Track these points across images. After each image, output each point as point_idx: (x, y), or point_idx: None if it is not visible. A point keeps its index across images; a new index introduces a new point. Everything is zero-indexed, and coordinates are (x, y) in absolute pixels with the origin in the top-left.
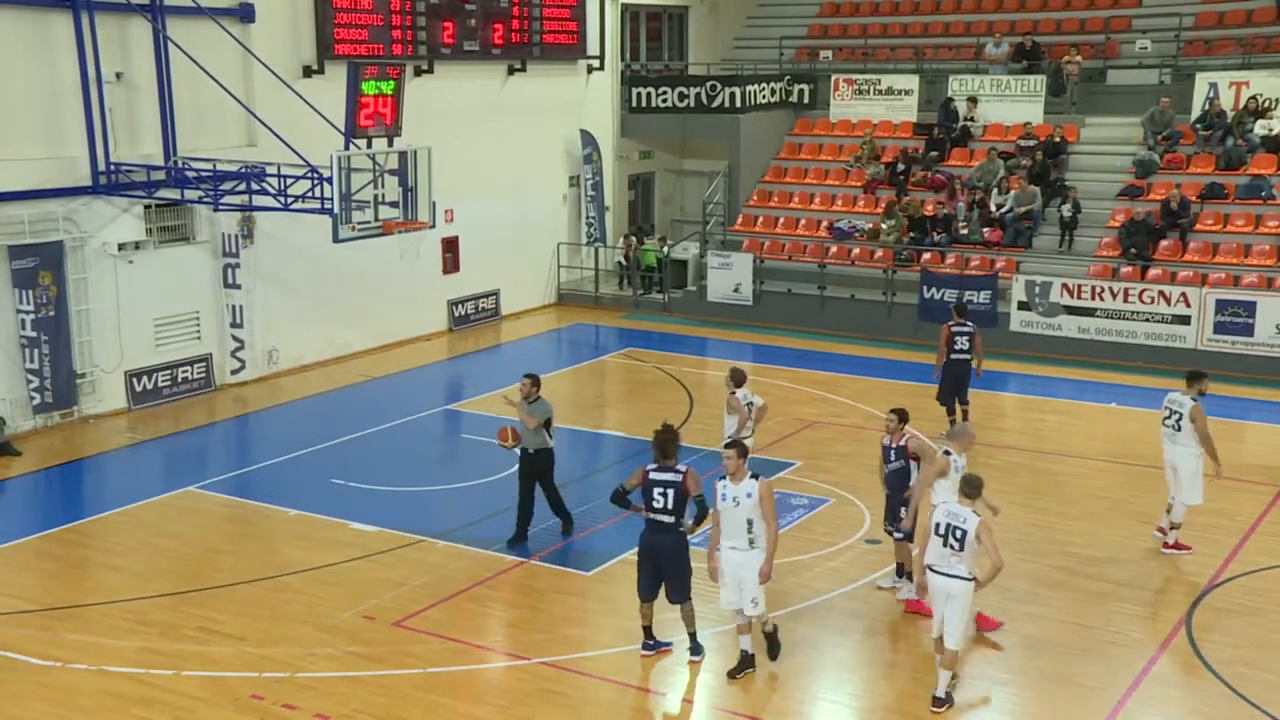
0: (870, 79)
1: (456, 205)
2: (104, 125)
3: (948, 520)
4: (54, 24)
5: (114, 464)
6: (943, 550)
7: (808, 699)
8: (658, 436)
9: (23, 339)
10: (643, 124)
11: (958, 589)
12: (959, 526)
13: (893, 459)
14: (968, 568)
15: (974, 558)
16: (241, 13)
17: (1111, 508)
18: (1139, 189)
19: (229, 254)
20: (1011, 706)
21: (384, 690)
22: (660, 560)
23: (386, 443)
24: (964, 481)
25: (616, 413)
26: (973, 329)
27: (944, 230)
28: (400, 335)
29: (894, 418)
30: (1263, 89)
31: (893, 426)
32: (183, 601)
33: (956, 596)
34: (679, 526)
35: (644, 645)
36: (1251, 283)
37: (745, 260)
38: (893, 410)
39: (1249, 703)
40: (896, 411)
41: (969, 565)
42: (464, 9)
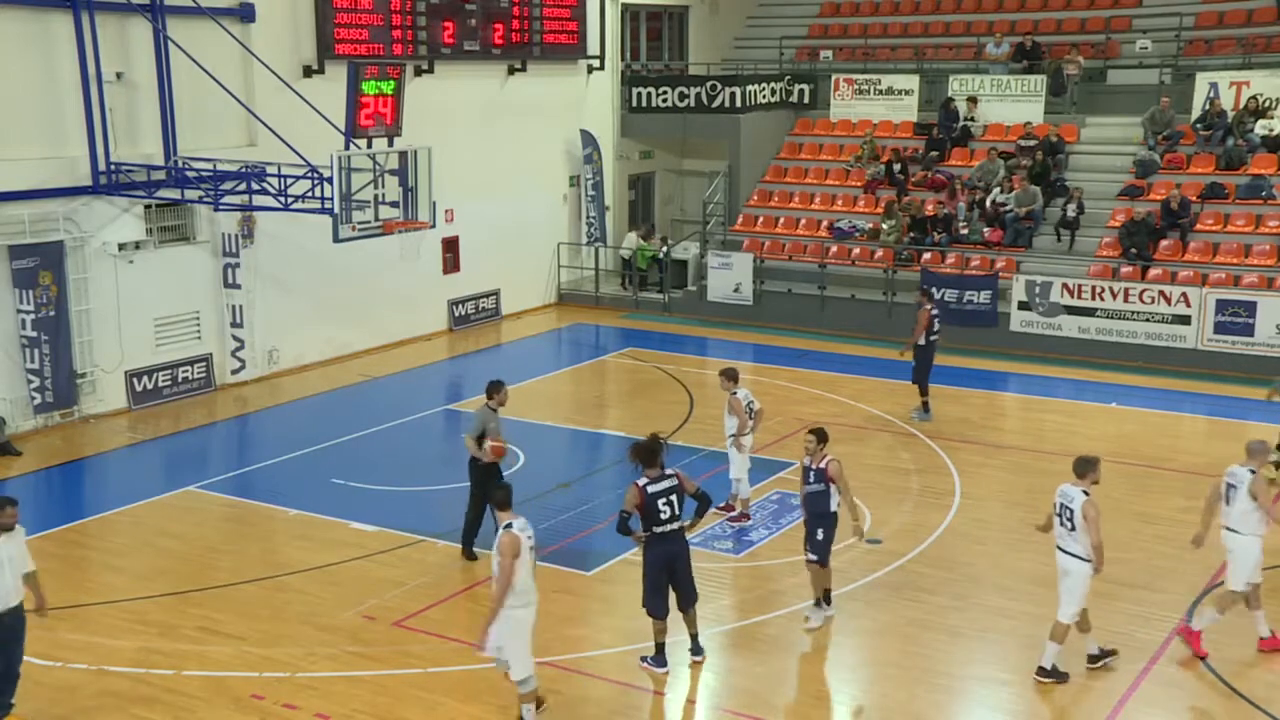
0: (870, 79)
1: (457, 205)
2: (104, 125)
3: (1059, 499)
4: (54, 24)
5: (114, 464)
6: (1059, 529)
7: (808, 699)
8: (643, 448)
9: (23, 339)
10: (643, 124)
11: (1072, 566)
12: (1068, 505)
13: (812, 480)
14: (1082, 547)
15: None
16: (241, 13)
17: (1112, 508)
18: (1139, 189)
19: (229, 254)
20: (1011, 706)
21: (384, 690)
22: (675, 569)
23: (386, 443)
24: (1076, 461)
25: (616, 413)
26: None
27: (944, 230)
28: (400, 335)
29: (813, 438)
30: (1263, 89)
31: (812, 448)
32: (183, 601)
33: (1071, 574)
34: (683, 532)
35: (655, 661)
36: (1252, 283)
37: (745, 260)
38: (811, 430)
39: (1249, 703)
40: (815, 432)
41: (1084, 545)
42: (464, 9)
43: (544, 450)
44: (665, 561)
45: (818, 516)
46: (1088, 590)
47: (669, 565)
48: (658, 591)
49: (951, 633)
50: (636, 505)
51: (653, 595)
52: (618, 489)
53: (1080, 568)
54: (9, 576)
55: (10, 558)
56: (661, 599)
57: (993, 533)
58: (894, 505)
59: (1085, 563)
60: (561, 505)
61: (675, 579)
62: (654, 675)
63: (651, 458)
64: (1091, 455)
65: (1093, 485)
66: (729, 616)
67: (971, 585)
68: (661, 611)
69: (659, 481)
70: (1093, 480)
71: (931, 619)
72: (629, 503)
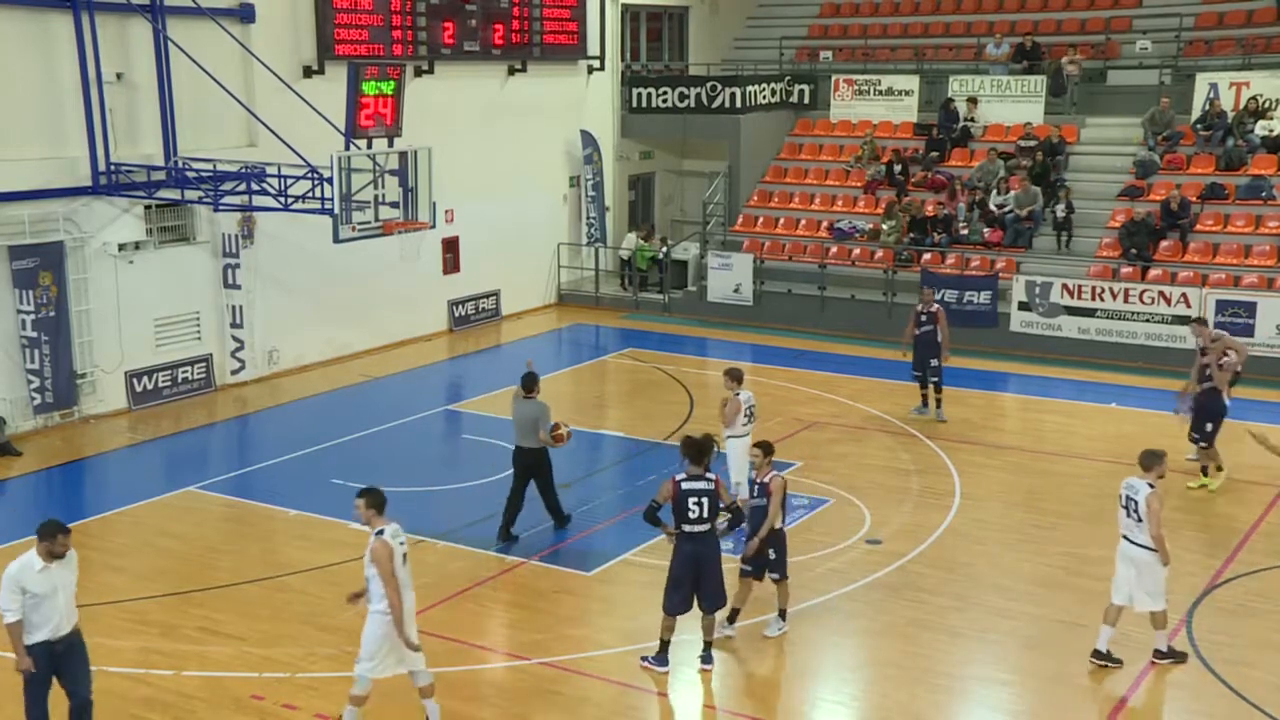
0: (870, 79)
1: (457, 205)
2: (104, 125)
3: (1125, 492)
4: (54, 24)
5: (114, 464)
6: (1126, 520)
7: (808, 699)
8: (693, 445)
9: (23, 339)
10: (643, 124)
11: (1141, 556)
12: (1133, 497)
13: (756, 494)
14: (1149, 538)
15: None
16: (241, 13)
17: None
18: (1139, 189)
19: (229, 254)
20: (1011, 706)
21: (384, 690)
22: (702, 570)
23: (386, 443)
24: (1143, 454)
25: (616, 413)
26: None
27: (944, 230)
28: (400, 335)
29: (759, 452)
30: (1263, 89)
31: (758, 461)
32: (183, 601)
33: (1141, 564)
34: (714, 533)
35: (657, 660)
36: (1251, 283)
37: (745, 260)
38: (756, 444)
39: (1249, 703)
40: (760, 445)
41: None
42: (464, 9)
43: None
44: (693, 562)
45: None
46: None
47: (696, 566)
48: (677, 589)
49: (951, 633)
50: (669, 498)
51: (671, 591)
52: (618, 489)
53: (1150, 558)
54: (63, 602)
55: (65, 583)
56: (679, 597)
57: (993, 533)
58: (894, 505)
59: (1154, 553)
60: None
61: (701, 581)
62: (654, 675)
63: (698, 456)
64: (1158, 449)
65: (1158, 479)
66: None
67: (971, 585)
68: (674, 609)
69: (696, 480)
70: (1158, 474)
71: (931, 619)
72: (661, 494)
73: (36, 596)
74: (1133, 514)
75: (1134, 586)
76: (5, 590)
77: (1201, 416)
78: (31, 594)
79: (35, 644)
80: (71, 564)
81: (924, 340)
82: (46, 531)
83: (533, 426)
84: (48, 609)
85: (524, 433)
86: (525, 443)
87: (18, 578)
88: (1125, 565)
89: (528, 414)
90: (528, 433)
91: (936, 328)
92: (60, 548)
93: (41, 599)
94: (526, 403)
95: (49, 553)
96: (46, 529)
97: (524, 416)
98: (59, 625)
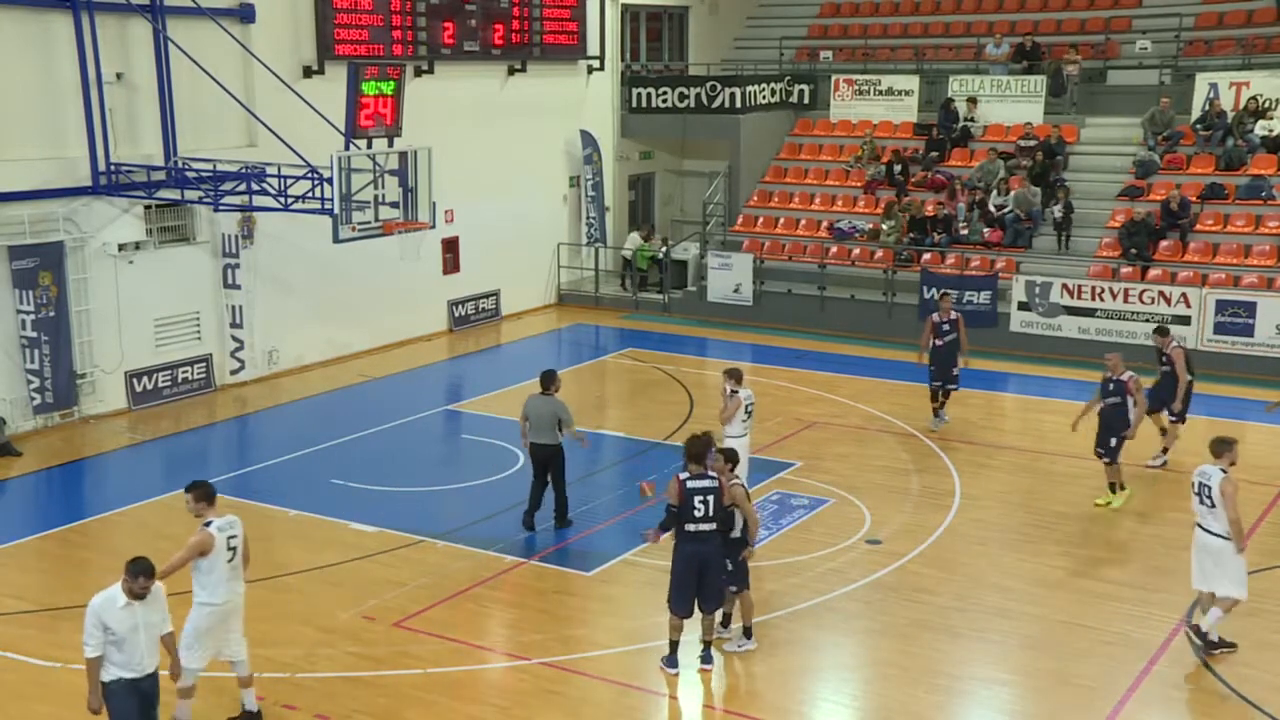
0: (870, 79)
1: (457, 205)
2: (104, 125)
3: (1198, 479)
4: (54, 24)
5: (114, 464)
6: (1199, 507)
7: (808, 699)
8: (695, 443)
9: (23, 339)
10: (643, 124)
11: (1214, 544)
12: (1206, 484)
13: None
14: (1222, 525)
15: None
16: (241, 13)
17: (1112, 507)
18: (1139, 189)
19: (229, 254)
20: (1011, 706)
21: (384, 690)
22: (704, 570)
23: (386, 443)
24: (1214, 441)
25: (617, 413)
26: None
27: (944, 230)
28: (400, 335)
29: (720, 458)
30: (1263, 89)
31: (719, 467)
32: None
33: (1215, 551)
34: (718, 534)
35: (668, 661)
36: (1251, 283)
37: (745, 260)
38: (720, 450)
39: (1249, 703)
40: (724, 452)
41: (1223, 523)
42: (464, 9)
43: None
44: (696, 561)
45: (728, 544)
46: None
47: (699, 566)
48: (682, 589)
49: (951, 633)
50: (676, 497)
51: (676, 592)
52: (618, 489)
53: (1224, 545)
54: (144, 642)
55: (147, 623)
56: (684, 597)
57: (993, 533)
58: (894, 505)
59: (1227, 540)
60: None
61: (703, 581)
62: (653, 675)
63: (700, 455)
64: (1228, 436)
65: (1230, 465)
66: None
67: (971, 585)
68: (682, 610)
69: (699, 479)
70: (1230, 460)
71: (931, 619)
72: (670, 495)
73: (116, 635)
74: (1205, 500)
75: (1212, 573)
76: (88, 624)
77: (1107, 432)
78: (111, 631)
79: (114, 680)
80: (156, 603)
81: (945, 350)
82: (130, 570)
83: (551, 422)
84: (129, 648)
85: (541, 429)
86: (541, 439)
87: (100, 612)
88: (1201, 554)
89: (545, 410)
90: (544, 429)
91: (958, 336)
92: (139, 589)
93: (122, 638)
94: (544, 399)
95: (130, 591)
96: (131, 567)
97: (541, 413)
98: (142, 664)
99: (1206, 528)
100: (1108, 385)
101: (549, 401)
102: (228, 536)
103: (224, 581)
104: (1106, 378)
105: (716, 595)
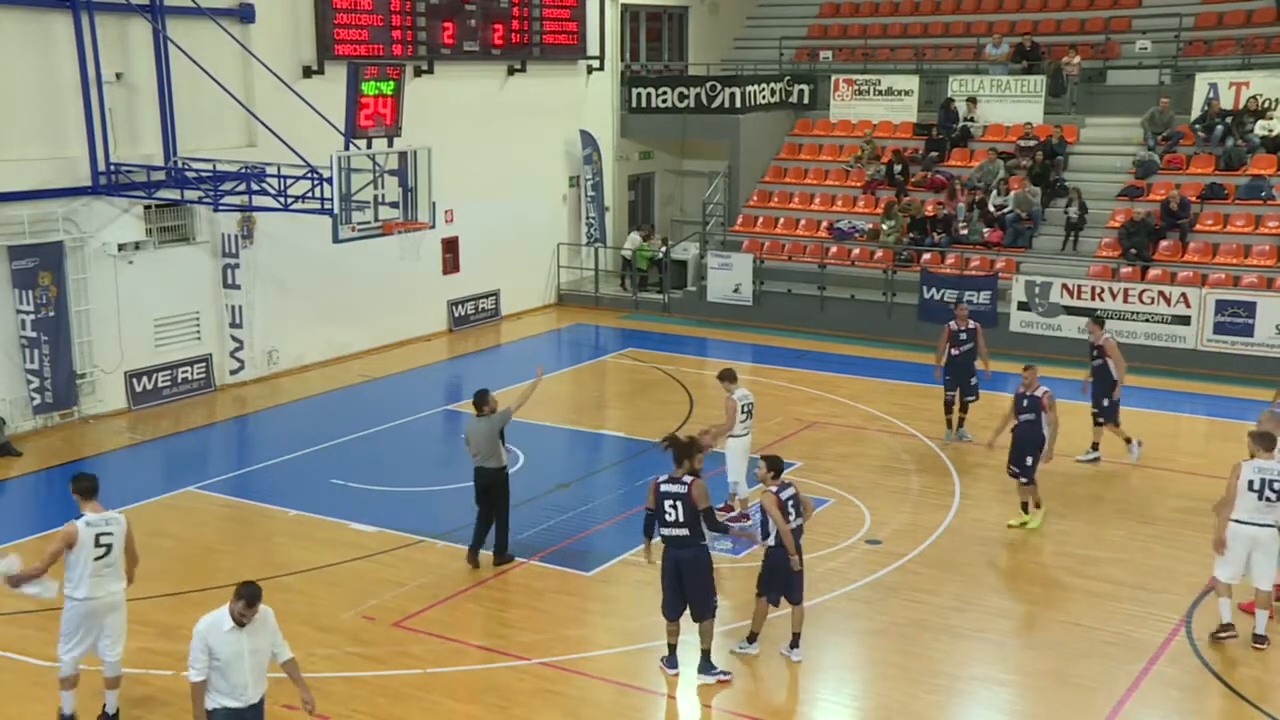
0: (870, 79)
1: (456, 205)
2: (104, 125)
3: (1261, 475)
4: (54, 24)
5: (114, 464)
6: (1257, 504)
7: (808, 699)
8: (675, 445)
9: (23, 339)
10: (643, 124)
11: (1266, 536)
12: (1275, 480)
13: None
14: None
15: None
16: (241, 13)
17: (1111, 508)
18: (1139, 189)
19: (229, 254)
20: (1011, 706)
21: (384, 690)
22: (683, 575)
23: (386, 443)
24: (1261, 435)
25: (616, 413)
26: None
27: (944, 230)
28: (400, 335)
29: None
30: (1263, 89)
31: (762, 474)
32: (183, 602)
33: (1266, 543)
34: (698, 540)
35: (667, 661)
36: (1251, 283)
37: (745, 260)
38: (763, 457)
39: (1249, 703)
40: (766, 459)
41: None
42: (464, 9)
43: (543, 451)
44: (673, 566)
45: (766, 552)
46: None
47: (675, 570)
48: (665, 592)
49: (951, 633)
50: (651, 500)
51: (664, 595)
52: (617, 490)
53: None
54: (250, 668)
55: (253, 649)
56: (668, 601)
57: (993, 533)
58: (894, 505)
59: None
60: (561, 506)
61: (684, 587)
62: (653, 675)
63: (678, 457)
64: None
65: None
66: (729, 617)
67: (971, 585)
68: (668, 613)
69: (672, 484)
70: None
71: (931, 619)
72: (648, 498)
73: (220, 661)
74: (1269, 496)
75: (1263, 565)
76: (194, 647)
77: (1021, 450)
78: (216, 657)
79: (217, 709)
80: (264, 630)
81: (962, 360)
82: (238, 593)
83: (492, 445)
84: (234, 674)
85: (481, 453)
86: (483, 463)
87: (206, 636)
88: (1249, 546)
89: (483, 431)
90: (485, 453)
91: (975, 347)
92: (243, 617)
93: (226, 664)
94: (481, 421)
95: (235, 615)
96: (239, 591)
97: (480, 435)
98: (246, 693)
99: (1263, 522)
100: (1021, 401)
101: (486, 422)
102: (98, 533)
103: (88, 578)
104: (1020, 393)
105: (702, 602)
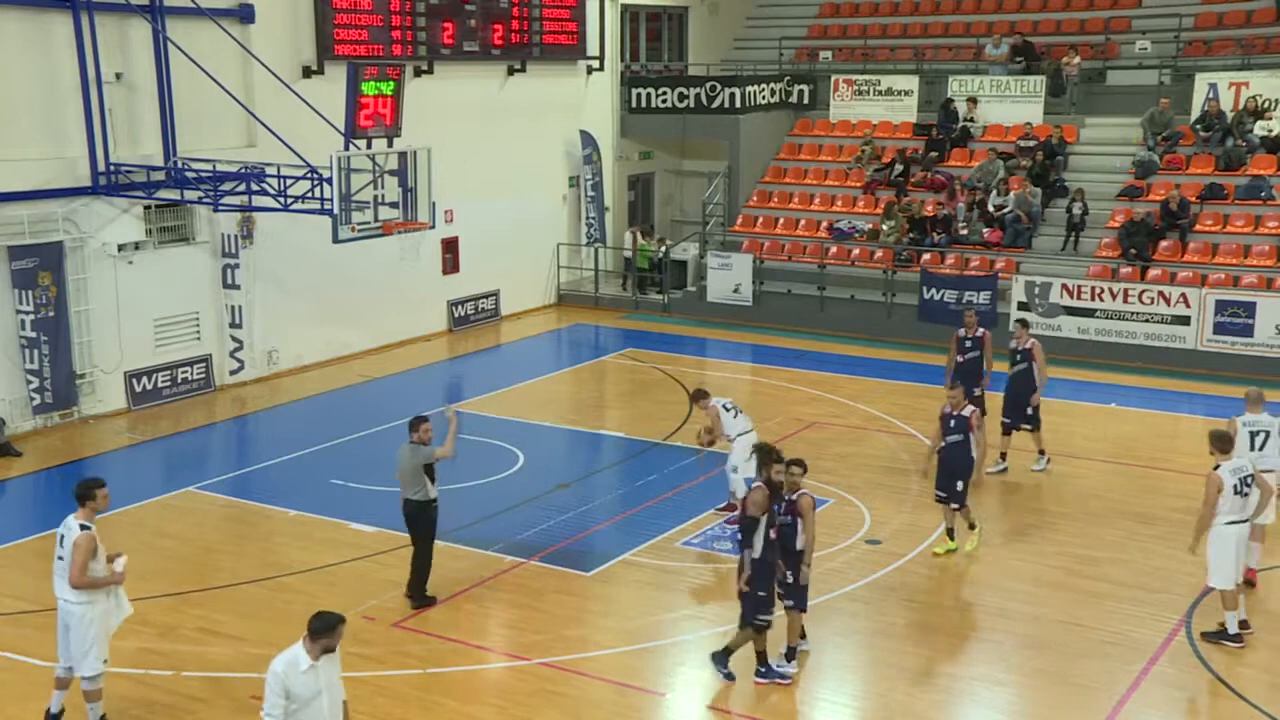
0: (870, 79)
1: (456, 206)
2: (104, 125)
3: (1237, 475)
4: (54, 24)
5: (114, 464)
6: (1241, 502)
7: (808, 699)
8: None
9: (22, 339)
10: (642, 124)
11: (1247, 528)
12: (1247, 475)
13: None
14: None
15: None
16: (241, 13)
17: (1111, 508)
18: (1139, 189)
19: (229, 254)
20: (1011, 706)
21: (384, 690)
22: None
23: (386, 443)
24: (1219, 435)
25: (617, 413)
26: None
27: (944, 231)
28: (400, 335)
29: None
30: (1262, 89)
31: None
32: (183, 602)
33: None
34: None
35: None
36: (1251, 283)
37: (745, 261)
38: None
39: (1249, 703)
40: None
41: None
42: (464, 9)
43: (543, 451)
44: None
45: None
46: None
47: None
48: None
49: (951, 633)
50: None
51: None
52: (618, 489)
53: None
54: (328, 705)
55: (330, 684)
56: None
57: (992, 533)
58: (894, 505)
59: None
60: (561, 506)
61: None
62: (654, 675)
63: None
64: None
65: None
66: (729, 617)
67: (971, 585)
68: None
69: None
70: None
71: (931, 619)
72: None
73: (298, 701)
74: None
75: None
76: (270, 690)
77: (950, 474)
78: (294, 697)
79: None
80: (333, 661)
81: (968, 367)
82: (318, 627)
83: (414, 474)
84: (311, 715)
85: (404, 482)
86: (405, 493)
87: (284, 677)
88: (1239, 544)
89: (406, 460)
90: (406, 482)
91: (982, 354)
92: (333, 641)
93: (304, 705)
94: (408, 448)
95: (319, 647)
96: (318, 621)
97: (404, 463)
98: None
99: (1245, 518)
100: (949, 421)
101: (413, 451)
102: (60, 536)
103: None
104: (946, 413)
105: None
